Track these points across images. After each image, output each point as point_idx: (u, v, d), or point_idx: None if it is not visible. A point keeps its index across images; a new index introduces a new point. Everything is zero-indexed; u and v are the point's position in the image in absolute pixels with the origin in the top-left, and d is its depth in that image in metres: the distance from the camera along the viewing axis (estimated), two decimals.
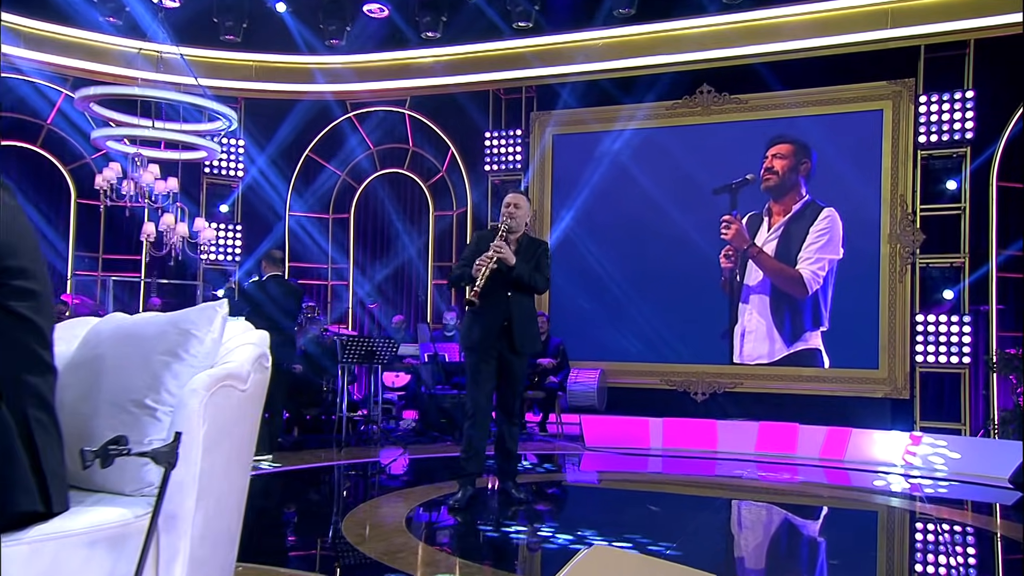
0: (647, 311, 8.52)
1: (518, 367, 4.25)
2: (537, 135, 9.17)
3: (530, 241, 4.33)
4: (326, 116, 9.86)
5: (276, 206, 9.91)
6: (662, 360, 8.43)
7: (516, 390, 4.29)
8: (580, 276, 8.78)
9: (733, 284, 8.32)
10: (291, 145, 9.83)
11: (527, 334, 4.25)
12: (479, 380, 4.20)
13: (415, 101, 9.79)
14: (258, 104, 9.76)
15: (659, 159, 8.60)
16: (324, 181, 10.11)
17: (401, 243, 9.92)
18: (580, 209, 8.86)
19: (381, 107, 9.92)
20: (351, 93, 9.84)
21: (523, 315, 4.24)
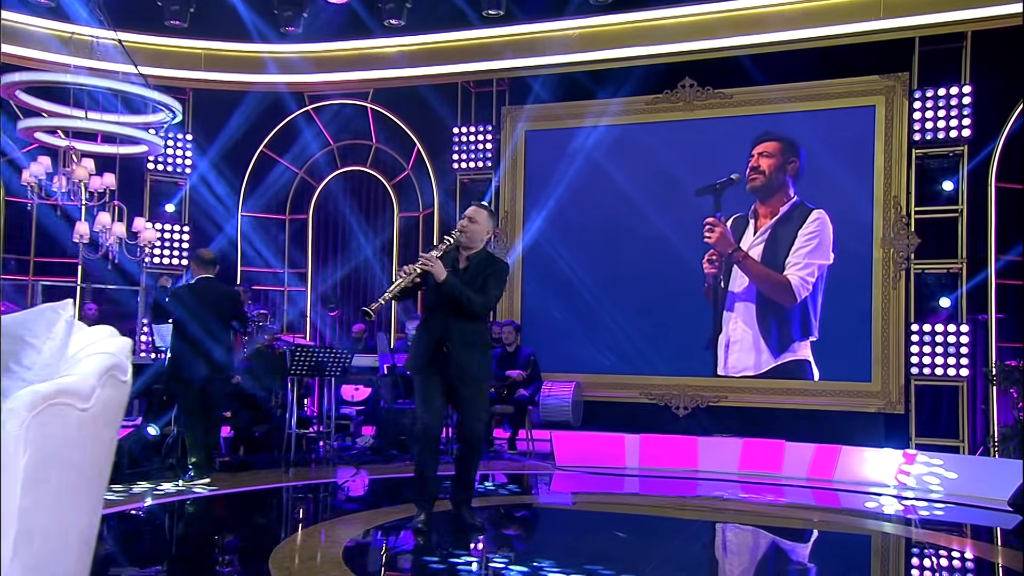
0: (625, 320, 8.45)
1: (468, 394, 4.10)
2: (508, 131, 9.08)
3: (485, 259, 4.15)
4: (282, 109, 9.73)
5: (227, 205, 9.75)
6: (641, 372, 8.34)
7: (473, 416, 4.13)
8: (553, 282, 8.73)
9: (717, 291, 8.26)
10: (243, 140, 9.66)
11: (467, 361, 4.05)
12: (426, 402, 4.11)
13: (378, 94, 9.68)
14: (207, 96, 9.58)
15: (638, 157, 8.52)
16: (280, 179, 9.98)
17: (361, 246, 9.70)
18: (553, 211, 8.78)
19: (341, 100, 9.82)
20: (308, 85, 9.69)
21: (462, 340, 4.05)
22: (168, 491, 5.30)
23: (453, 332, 4.04)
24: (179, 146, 9.42)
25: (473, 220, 4.12)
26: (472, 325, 4.11)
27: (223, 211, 9.68)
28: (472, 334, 4.10)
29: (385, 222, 9.83)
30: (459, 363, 4.03)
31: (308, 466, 6.49)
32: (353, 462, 6.67)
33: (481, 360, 4.15)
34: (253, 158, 9.84)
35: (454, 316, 4.03)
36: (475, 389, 4.13)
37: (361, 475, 6.25)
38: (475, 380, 4.11)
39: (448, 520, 4.29)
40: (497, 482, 6.21)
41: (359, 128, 9.82)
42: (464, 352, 4.05)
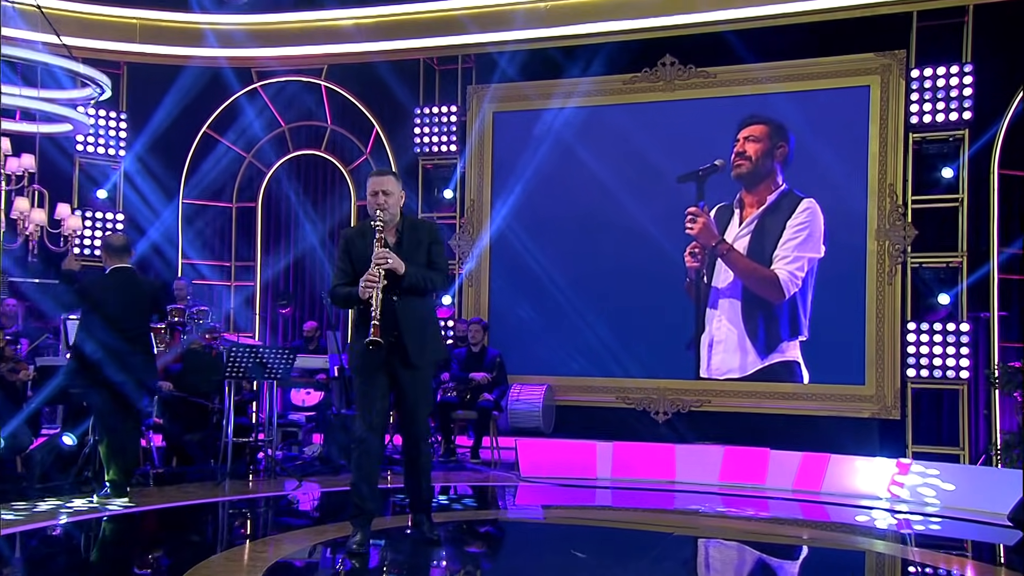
0: (600, 318, 8.36)
1: (418, 382, 4.10)
2: (475, 112, 8.95)
3: (412, 227, 4.09)
4: (226, 87, 9.51)
5: (167, 192, 9.49)
6: (617, 375, 8.25)
7: (419, 408, 4.12)
8: (522, 277, 8.62)
9: (699, 287, 8.19)
10: (184, 120, 9.41)
11: (423, 343, 4.05)
12: (368, 401, 4.06)
13: (332, 71, 9.48)
14: (143, 71, 9.32)
15: (614, 141, 8.43)
16: (225, 163, 9.74)
17: (314, 236, 9.53)
18: (523, 199, 8.66)
19: (291, 77, 9.61)
20: (255, 60, 9.50)
21: (415, 321, 4.02)
22: (79, 509, 5.08)
23: (402, 315, 3.94)
24: (112, 126, 9.15)
25: (388, 192, 3.97)
26: (424, 302, 4.07)
27: (162, 197, 9.42)
28: (426, 311, 4.07)
29: (341, 211, 9.67)
30: (416, 346, 3.96)
31: (246, 479, 6.32)
32: (296, 474, 6.50)
33: (434, 341, 4.16)
34: (195, 140, 9.59)
35: (407, 298, 3.94)
36: (425, 377, 4.14)
37: (304, 488, 6.08)
38: (427, 366, 4.12)
39: (401, 535, 4.19)
40: (457, 494, 6.10)
41: (311, 108, 9.64)
42: (419, 332, 3.99)
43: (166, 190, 9.45)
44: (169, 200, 9.51)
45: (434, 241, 4.07)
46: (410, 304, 4.01)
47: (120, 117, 9.17)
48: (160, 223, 9.40)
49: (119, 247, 5.55)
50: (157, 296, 5.71)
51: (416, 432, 4.15)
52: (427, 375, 4.20)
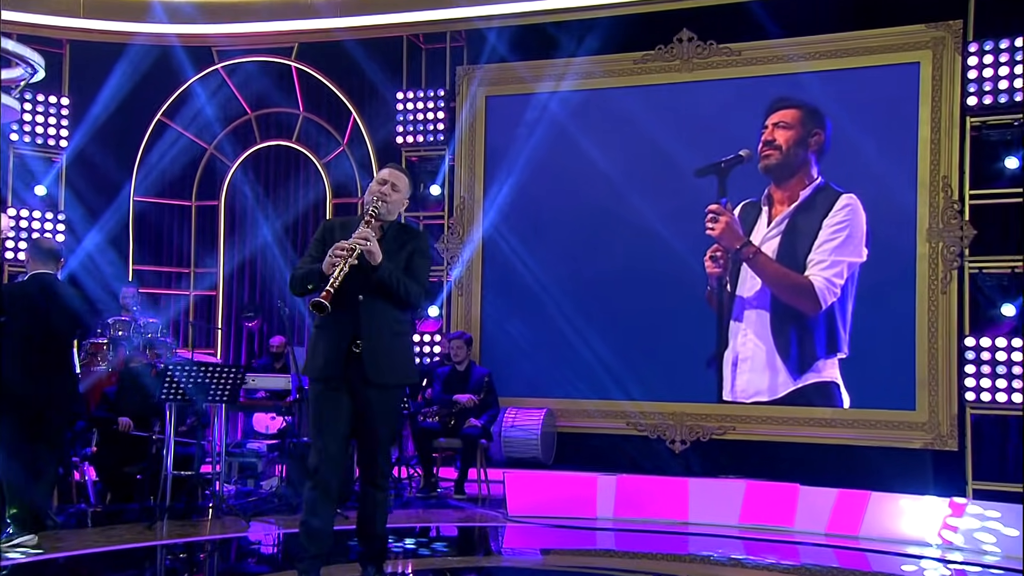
0: (607, 332, 8.25)
1: (380, 406, 3.98)
2: (464, 96, 8.86)
3: (400, 230, 4.12)
4: (183, 68, 9.46)
5: (116, 188, 9.41)
6: (628, 397, 8.13)
7: (379, 438, 4.01)
8: (518, 285, 8.55)
9: (722, 296, 8.09)
10: (135, 106, 9.36)
11: (385, 358, 3.95)
12: (324, 423, 3.98)
13: (304, 51, 9.47)
14: (88, 50, 9.21)
15: (623, 129, 8.36)
16: (183, 155, 9.70)
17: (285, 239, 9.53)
18: (519, 197, 8.60)
19: (257, 58, 9.58)
20: (216, 38, 9.46)
21: (379, 330, 3.94)
22: None
23: (365, 320, 3.89)
24: (52, 112, 9.05)
25: (396, 187, 4.03)
26: (398, 312, 4.02)
27: (110, 195, 9.36)
28: (395, 321, 4.00)
29: (315, 210, 9.63)
30: (377, 364, 3.89)
31: (188, 518, 6.18)
32: (246, 512, 6.33)
33: (402, 360, 4.05)
34: (148, 129, 9.56)
35: (375, 300, 3.90)
36: (389, 399, 4.03)
37: (253, 529, 5.93)
38: (391, 387, 4.02)
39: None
40: (431, 536, 6.00)
41: (279, 93, 9.60)
42: (382, 344, 3.92)
43: (114, 186, 9.37)
44: (117, 198, 9.44)
45: (418, 251, 4.06)
46: (377, 307, 3.92)
47: (61, 103, 9.07)
48: (106, 223, 9.32)
49: (46, 251, 5.52)
50: (79, 310, 5.57)
51: (372, 467, 4.02)
52: (391, 399, 4.04)
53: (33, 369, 5.25)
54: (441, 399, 7.46)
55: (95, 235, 9.10)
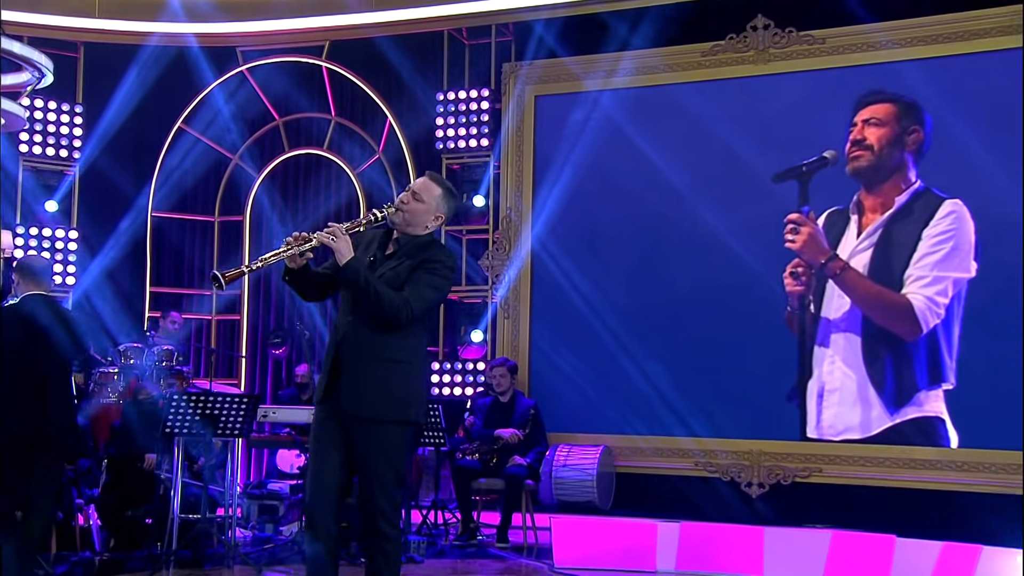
0: (673, 360, 8.22)
1: (371, 445, 3.70)
2: (511, 96, 8.86)
3: (420, 246, 3.82)
4: (206, 71, 9.55)
5: (132, 203, 9.49)
6: (698, 433, 8.06)
7: (374, 475, 3.73)
8: (568, 308, 8.54)
9: (804, 318, 7.96)
10: (154, 113, 9.50)
11: (368, 388, 3.70)
12: (315, 455, 3.82)
13: (336, 49, 9.49)
14: (105, 52, 9.35)
15: (689, 131, 8.34)
16: (205, 166, 9.79)
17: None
18: (571, 207, 8.61)
19: (286, 58, 9.64)
20: (241, 37, 9.55)
21: (363, 355, 3.73)
22: None
23: (356, 346, 3.71)
24: (65, 121, 9.19)
25: (418, 196, 3.78)
26: (393, 337, 3.74)
27: (127, 210, 9.45)
28: (393, 350, 3.73)
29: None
30: (355, 394, 3.68)
31: (200, 566, 6.11)
32: (260, 562, 6.26)
33: (397, 394, 3.72)
34: (167, 138, 9.65)
35: (362, 321, 3.71)
36: (385, 437, 3.72)
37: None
38: (386, 427, 3.72)
39: None
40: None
41: (309, 97, 9.64)
42: (368, 379, 3.69)
43: (130, 200, 9.47)
44: (133, 212, 9.52)
45: (425, 263, 3.73)
46: (364, 329, 3.69)
47: (75, 110, 9.23)
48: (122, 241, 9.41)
49: (38, 270, 5.44)
50: (79, 333, 5.49)
51: (369, 518, 3.73)
52: (386, 437, 3.72)
53: (26, 401, 5.17)
54: (482, 434, 7.35)
55: (109, 253, 9.21)
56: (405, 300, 3.63)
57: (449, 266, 3.80)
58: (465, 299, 8.87)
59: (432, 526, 7.31)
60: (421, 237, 3.77)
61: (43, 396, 5.21)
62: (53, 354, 5.24)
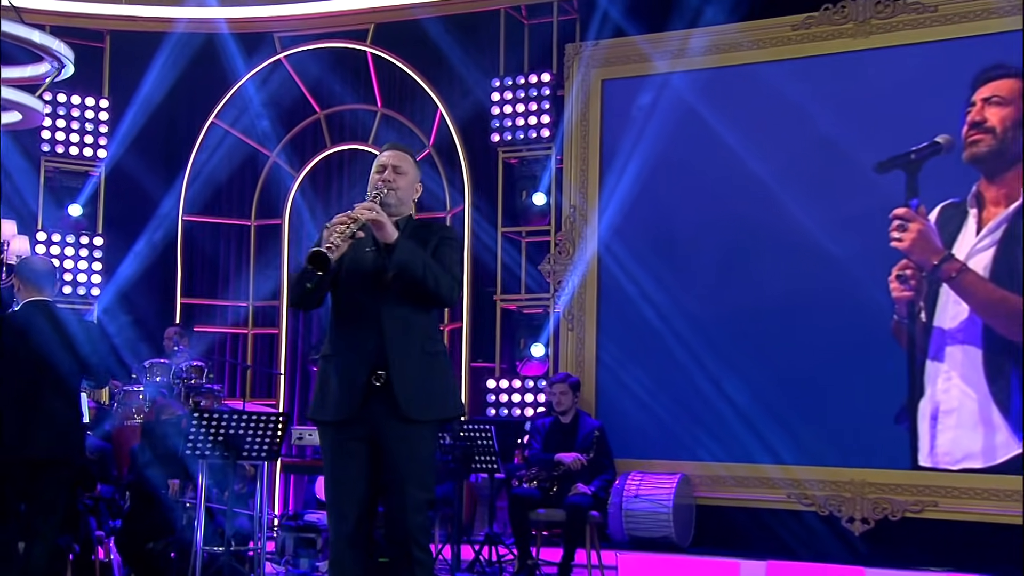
0: (760, 376, 8.12)
1: (409, 449, 3.75)
2: (576, 81, 8.83)
3: (420, 226, 3.99)
4: (242, 61, 9.67)
5: (161, 206, 9.62)
6: (786, 461, 7.94)
7: (408, 494, 3.73)
8: (639, 318, 8.50)
9: (914, 329, 7.82)
10: (186, 107, 9.68)
11: (420, 387, 3.75)
12: (339, 486, 3.78)
13: (382, 33, 9.56)
14: (133, 42, 9.52)
15: (778, 116, 8.26)
16: (239, 164, 9.95)
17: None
18: (641, 206, 8.57)
19: (328, 43, 9.71)
20: (278, 21, 9.67)
21: (408, 349, 3.76)
22: None
23: (400, 340, 3.72)
24: (89, 117, 9.34)
25: (400, 169, 3.89)
26: (429, 326, 3.91)
27: (155, 214, 9.57)
28: (432, 341, 3.87)
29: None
30: (410, 395, 3.71)
31: None
32: None
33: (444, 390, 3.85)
34: (200, 134, 9.76)
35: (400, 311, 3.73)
36: (423, 440, 3.79)
37: None
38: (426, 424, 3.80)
39: None
40: None
41: (353, 87, 9.72)
42: (419, 375, 3.75)
43: (160, 203, 9.58)
44: (161, 215, 9.64)
45: (444, 240, 3.90)
46: (404, 320, 3.72)
47: (100, 106, 9.38)
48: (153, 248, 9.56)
49: (39, 274, 5.41)
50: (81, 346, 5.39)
51: (400, 545, 3.71)
52: (425, 440, 3.80)
53: (28, 420, 5.16)
54: (541, 459, 7.24)
55: (136, 261, 9.35)
56: (454, 278, 3.79)
57: (460, 243, 4.28)
58: (524, 309, 8.85)
59: (486, 563, 7.23)
60: (415, 218, 3.92)
61: (44, 415, 5.17)
62: (52, 369, 5.20)
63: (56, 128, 9.03)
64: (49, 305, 5.35)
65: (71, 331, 5.37)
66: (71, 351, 5.30)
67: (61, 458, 5.30)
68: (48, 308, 5.33)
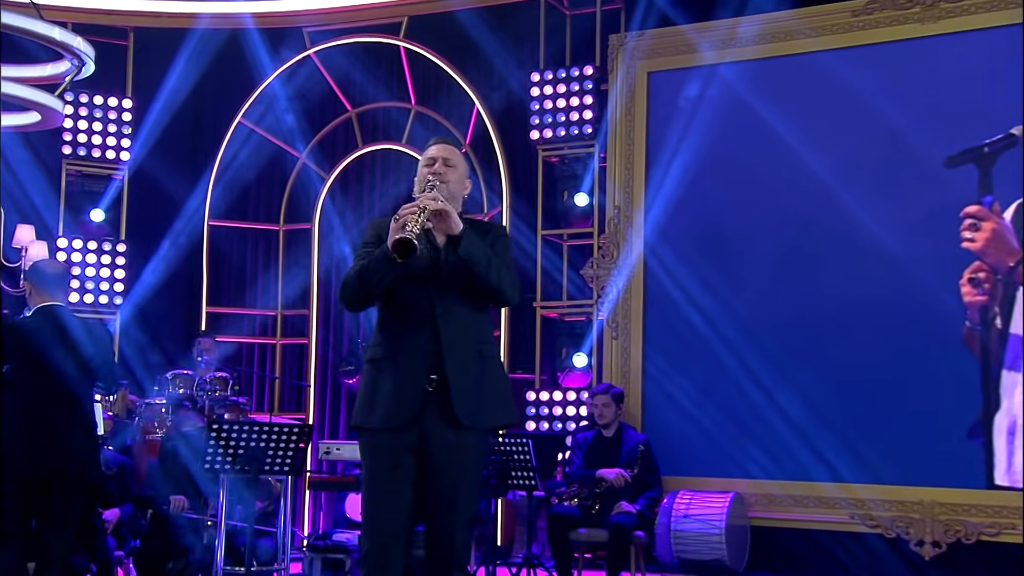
0: (818, 388, 8.07)
1: (462, 458, 3.76)
2: (620, 74, 8.80)
3: (475, 225, 3.96)
4: (270, 57, 9.73)
5: (186, 211, 9.69)
6: (850, 479, 7.87)
7: (457, 505, 3.76)
8: (690, 326, 8.49)
9: (988, 336, 7.70)
10: (210, 106, 9.74)
11: (476, 391, 3.76)
12: (383, 492, 3.75)
13: (416, 26, 9.59)
14: (157, 39, 9.60)
15: (838, 109, 8.22)
16: (267, 166, 10.00)
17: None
18: (690, 207, 8.56)
19: (359, 38, 9.72)
20: (308, 15, 9.73)
21: (465, 352, 3.78)
22: None
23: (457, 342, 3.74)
24: (112, 118, 9.42)
25: (450, 162, 3.91)
26: (484, 327, 3.92)
27: (180, 218, 9.63)
28: (486, 344, 3.88)
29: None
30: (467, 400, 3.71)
31: None
32: None
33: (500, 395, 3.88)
34: (226, 134, 9.83)
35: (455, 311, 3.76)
36: (476, 449, 3.81)
37: None
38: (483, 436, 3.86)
39: None
40: None
41: (386, 83, 9.74)
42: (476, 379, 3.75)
43: (185, 207, 9.65)
44: (190, 221, 9.71)
45: (499, 237, 3.94)
46: (460, 320, 3.74)
47: (124, 106, 9.45)
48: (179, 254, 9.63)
49: (51, 277, 5.47)
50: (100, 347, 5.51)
51: (449, 551, 3.71)
52: (478, 449, 3.80)
53: (40, 431, 5.21)
54: (582, 475, 7.23)
55: (160, 267, 9.41)
56: (512, 276, 3.85)
57: (511, 241, 4.04)
58: (566, 316, 8.83)
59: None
60: (465, 214, 3.86)
61: (60, 424, 5.22)
62: (61, 379, 5.24)
63: (78, 130, 9.12)
64: (57, 310, 5.38)
65: (76, 335, 5.40)
66: (78, 357, 5.32)
67: (78, 473, 5.34)
68: (56, 313, 5.36)
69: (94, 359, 5.38)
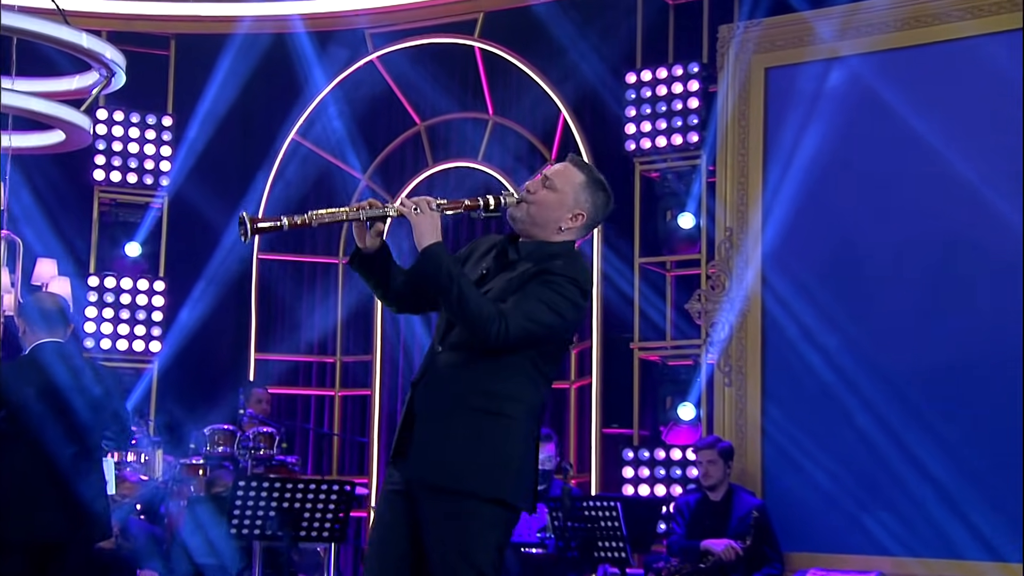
0: (969, 454, 7.86)
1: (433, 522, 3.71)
2: (730, 71, 8.68)
3: (545, 255, 3.84)
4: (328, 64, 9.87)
5: (233, 243, 9.73)
6: (1009, 558, 7.62)
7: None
8: (811, 373, 8.33)
9: None
10: (261, 123, 9.90)
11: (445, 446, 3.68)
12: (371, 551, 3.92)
13: (492, 24, 9.69)
14: (200, 47, 9.79)
15: (995, 105, 8.04)
16: (326, 190, 10.10)
17: None
18: (817, 228, 8.51)
19: (428, 39, 9.83)
20: (369, 15, 9.85)
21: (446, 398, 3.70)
22: None
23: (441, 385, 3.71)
24: (150, 138, 9.59)
25: (551, 183, 3.78)
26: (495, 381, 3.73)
27: (225, 251, 9.74)
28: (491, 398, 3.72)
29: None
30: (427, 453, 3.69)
31: None
32: None
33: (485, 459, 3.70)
34: (278, 154, 9.99)
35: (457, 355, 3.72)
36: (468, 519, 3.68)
37: None
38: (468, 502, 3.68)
39: None
40: None
41: (459, 91, 9.82)
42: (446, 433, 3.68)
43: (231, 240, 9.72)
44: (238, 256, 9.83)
45: (548, 271, 3.72)
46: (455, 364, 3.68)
47: (163, 124, 9.65)
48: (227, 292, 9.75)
49: (49, 312, 5.50)
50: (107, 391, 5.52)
51: None
52: (468, 519, 3.66)
53: (41, 489, 5.23)
54: (684, 547, 7.14)
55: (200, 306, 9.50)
56: (500, 312, 3.57)
57: (579, 285, 3.73)
58: (669, 360, 8.68)
59: None
60: (552, 244, 3.76)
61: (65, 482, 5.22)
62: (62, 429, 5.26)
63: (112, 151, 9.24)
64: (62, 347, 5.41)
65: (84, 381, 5.41)
66: (82, 404, 5.33)
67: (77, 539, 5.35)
68: (62, 350, 5.40)
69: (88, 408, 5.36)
